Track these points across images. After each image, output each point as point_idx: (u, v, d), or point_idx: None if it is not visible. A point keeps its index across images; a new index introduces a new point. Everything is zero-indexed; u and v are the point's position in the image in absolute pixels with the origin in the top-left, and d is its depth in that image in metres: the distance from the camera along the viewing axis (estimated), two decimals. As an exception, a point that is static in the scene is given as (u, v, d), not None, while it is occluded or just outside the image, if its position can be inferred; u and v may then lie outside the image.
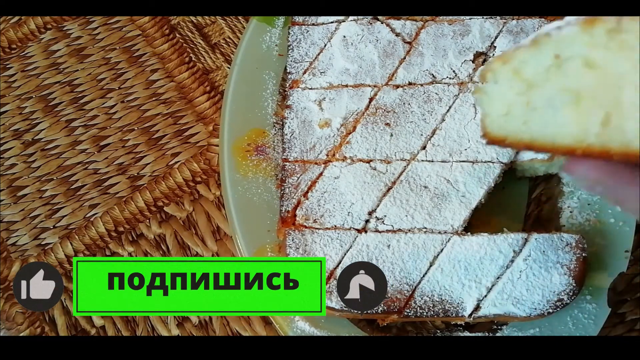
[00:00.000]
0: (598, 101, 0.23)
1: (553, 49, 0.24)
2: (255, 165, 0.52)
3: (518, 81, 0.26)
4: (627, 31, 0.22)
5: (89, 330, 0.53)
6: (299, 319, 0.47)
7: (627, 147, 0.22)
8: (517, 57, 0.25)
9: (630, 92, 0.22)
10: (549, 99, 0.24)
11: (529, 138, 0.26)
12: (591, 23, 0.22)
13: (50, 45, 0.65)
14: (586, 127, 0.23)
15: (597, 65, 0.23)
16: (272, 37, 0.56)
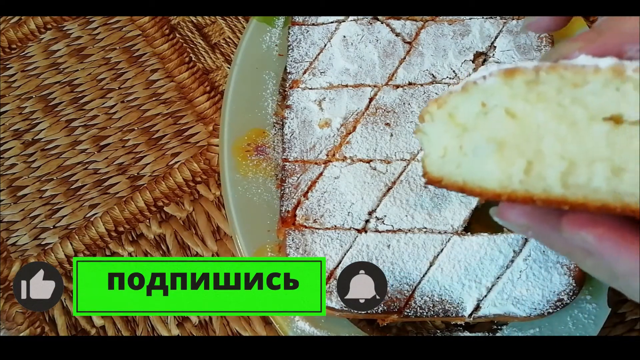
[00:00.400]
0: (520, 150, 0.24)
1: (480, 97, 0.25)
2: (255, 165, 0.52)
3: (453, 125, 0.26)
4: (544, 83, 0.23)
5: (89, 330, 0.53)
6: (299, 319, 0.47)
7: (548, 194, 0.23)
8: (450, 102, 0.26)
9: (549, 142, 0.23)
10: (476, 147, 0.25)
11: (462, 182, 0.26)
12: (511, 74, 0.23)
13: (50, 45, 0.65)
14: (510, 175, 0.24)
15: (517, 115, 0.23)
16: (272, 37, 0.56)
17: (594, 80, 0.22)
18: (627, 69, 0.21)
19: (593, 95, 0.22)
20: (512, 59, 0.51)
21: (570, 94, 0.22)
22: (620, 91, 0.21)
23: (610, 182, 0.22)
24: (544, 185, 0.23)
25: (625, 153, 0.22)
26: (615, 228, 0.22)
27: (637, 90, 0.21)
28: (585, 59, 0.23)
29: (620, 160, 0.22)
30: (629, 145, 0.22)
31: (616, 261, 0.22)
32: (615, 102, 0.22)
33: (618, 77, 0.21)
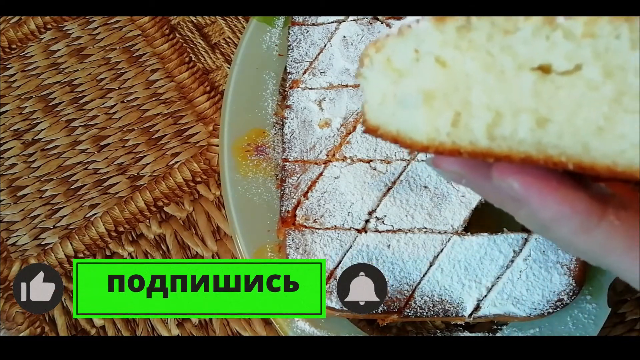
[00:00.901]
0: (448, 101, 0.23)
1: (413, 43, 0.24)
2: (255, 165, 0.52)
3: (390, 70, 0.25)
4: (475, 29, 0.22)
5: (89, 330, 0.53)
6: (299, 319, 0.47)
7: (474, 146, 0.23)
8: (388, 45, 0.25)
9: (477, 92, 0.22)
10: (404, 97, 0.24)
11: (395, 132, 0.25)
12: (442, 19, 0.23)
13: (50, 45, 0.65)
14: (437, 127, 0.23)
15: (447, 64, 0.23)
16: (272, 37, 0.56)
17: (524, 27, 0.21)
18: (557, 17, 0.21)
19: (523, 44, 0.21)
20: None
21: (500, 42, 0.22)
22: (550, 40, 0.21)
23: (535, 133, 0.22)
24: (470, 137, 0.23)
25: (551, 104, 0.21)
26: (542, 175, 0.22)
27: (567, 39, 0.21)
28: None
29: (545, 111, 0.21)
30: (555, 95, 0.21)
31: (542, 208, 0.22)
32: (544, 51, 0.21)
33: (548, 25, 0.21)
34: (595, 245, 0.23)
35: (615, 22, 0.20)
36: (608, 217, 0.22)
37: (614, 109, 0.20)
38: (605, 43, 0.20)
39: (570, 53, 0.21)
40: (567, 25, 0.21)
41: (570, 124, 0.21)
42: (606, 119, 0.20)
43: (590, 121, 0.21)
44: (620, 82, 0.20)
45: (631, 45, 0.20)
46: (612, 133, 0.20)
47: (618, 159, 0.20)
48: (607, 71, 0.20)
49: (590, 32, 0.20)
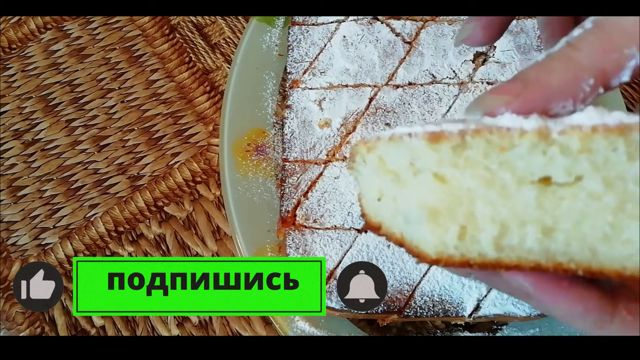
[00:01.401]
0: (452, 215, 0.23)
1: (407, 155, 0.24)
2: (255, 165, 0.52)
3: (384, 171, 0.25)
4: (471, 147, 0.22)
5: (89, 330, 0.53)
6: (299, 319, 0.47)
7: (483, 258, 0.23)
8: (379, 148, 0.25)
9: (480, 206, 0.22)
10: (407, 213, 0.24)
11: (400, 235, 0.25)
12: (436, 140, 0.22)
13: (50, 45, 0.65)
14: (444, 241, 0.23)
15: (446, 180, 0.23)
16: (272, 37, 0.56)
17: (520, 144, 0.21)
18: (552, 132, 0.21)
19: (520, 159, 0.22)
20: (512, 59, 0.51)
21: (497, 159, 0.22)
22: (548, 155, 0.21)
23: (542, 242, 0.22)
24: (478, 250, 0.23)
25: (555, 214, 0.22)
26: (552, 275, 0.22)
27: (564, 155, 0.21)
28: (510, 119, 0.22)
29: (550, 221, 0.22)
30: (559, 206, 0.22)
31: (553, 307, 0.23)
32: (542, 166, 0.21)
33: (544, 141, 0.21)
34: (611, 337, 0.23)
35: (611, 137, 0.20)
36: (620, 312, 0.22)
37: (618, 216, 0.21)
38: (602, 157, 0.21)
39: (569, 167, 0.21)
40: (563, 141, 0.21)
41: (576, 232, 0.21)
42: (611, 227, 0.21)
43: (596, 229, 0.21)
44: (622, 191, 0.21)
45: (628, 157, 0.20)
46: (618, 239, 0.21)
47: (626, 264, 0.21)
48: (607, 182, 0.21)
49: (586, 147, 0.21)
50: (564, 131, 0.21)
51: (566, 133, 0.21)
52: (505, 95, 0.23)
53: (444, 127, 0.22)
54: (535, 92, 0.23)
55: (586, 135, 0.20)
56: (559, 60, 0.23)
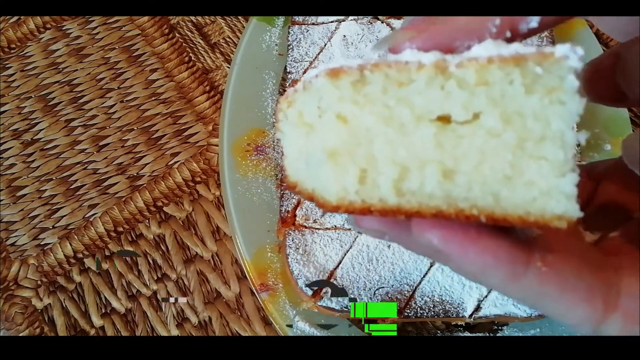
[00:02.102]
0: (353, 157, 0.22)
1: (315, 98, 0.23)
2: (255, 165, 0.52)
3: (302, 125, 0.24)
4: (370, 83, 0.21)
5: (88, 330, 0.53)
6: (299, 319, 0.47)
7: (384, 203, 0.22)
8: (297, 100, 0.24)
9: (380, 147, 0.21)
10: (309, 156, 0.23)
11: (311, 190, 0.24)
12: (336, 75, 0.21)
13: (49, 44, 0.65)
14: (345, 185, 0.22)
15: (348, 119, 0.22)
16: (272, 36, 0.56)
17: (418, 78, 0.20)
18: (450, 64, 0.20)
19: (419, 95, 0.20)
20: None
21: (395, 94, 0.21)
22: (445, 89, 0.20)
23: (443, 186, 0.21)
24: (378, 195, 0.22)
25: (455, 154, 0.21)
26: (460, 227, 0.21)
27: (461, 88, 0.20)
28: (410, 53, 0.21)
29: (450, 162, 0.21)
30: (458, 145, 0.20)
31: (464, 261, 0.21)
32: (441, 102, 0.20)
33: (441, 74, 0.20)
34: (526, 292, 0.22)
35: (507, 68, 0.19)
36: (535, 263, 0.21)
37: (518, 155, 0.20)
38: (499, 90, 0.20)
39: (467, 102, 0.20)
40: (460, 74, 0.20)
41: (477, 174, 0.20)
42: (512, 167, 0.20)
43: (497, 170, 0.20)
44: (521, 128, 0.20)
45: (525, 90, 0.19)
46: (519, 181, 0.20)
47: (529, 208, 0.20)
48: (505, 118, 0.20)
49: (483, 80, 0.20)
50: (461, 63, 0.20)
51: (463, 66, 0.20)
52: (411, 30, 0.22)
53: (346, 63, 0.21)
54: (441, 29, 0.22)
55: (482, 67, 0.20)
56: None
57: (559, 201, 0.19)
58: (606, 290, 0.22)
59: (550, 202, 0.20)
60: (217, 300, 0.53)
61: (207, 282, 0.53)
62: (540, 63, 0.19)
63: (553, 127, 0.19)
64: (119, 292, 0.54)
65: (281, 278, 0.48)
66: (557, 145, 0.19)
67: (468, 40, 0.22)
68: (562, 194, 0.19)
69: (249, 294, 0.52)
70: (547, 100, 0.19)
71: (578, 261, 0.22)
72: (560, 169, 0.19)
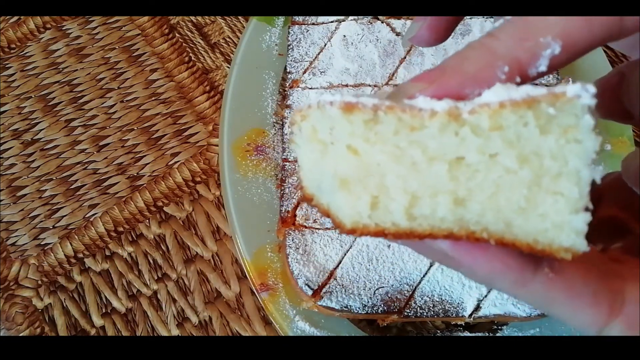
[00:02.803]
0: (364, 185, 0.23)
1: (328, 124, 0.23)
2: (255, 165, 0.52)
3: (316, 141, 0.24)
4: (382, 123, 0.22)
5: (88, 330, 0.53)
6: (299, 319, 0.47)
7: (397, 227, 0.22)
8: (311, 116, 0.24)
9: (391, 179, 0.22)
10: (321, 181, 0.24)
11: (326, 206, 0.24)
12: (349, 110, 0.22)
13: (49, 44, 0.65)
14: (358, 210, 0.23)
15: (358, 152, 0.22)
16: (272, 36, 0.56)
17: (431, 124, 0.21)
18: (462, 112, 0.21)
19: (432, 139, 0.21)
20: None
21: (407, 137, 0.22)
22: (459, 136, 0.21)
23: (455, 212, 0.22)
24: (391, 219, 0.23)
25: (469, 186, 0.21)
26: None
27: (475, 134, 0.21)
28: (423, 99, 0.22)
29: (464, 192, 0.21)
30: (473, 178, 0.21)
31: (473, 266, 0.22)
32: (455, 146, 0.21)
33: (454, 121, 0.21)
34: (534, 296, 0.23)
35: (520, 111, 0.20)
36: (542, 269, 0.22)
37: (534, 191, 0.21)
38: (514, 132, 0.20)
39: (482, 146, 0.21)
40: (474, 120, 0.20)
41: (491, 204, 0.21)
42: (527, 200, 0.21)
43: (512, 202, 0.21)
44: (537, 166, 0.20)
45: (540, 131, 0.20)
46: (533, 213, 0.21)
47: (539, 238, 0.21)
48: (522, 158, 0.20)
49: (496, 124, 0.20)
50: (474, 110, 0.20)
51: (476, 112, 0.20)
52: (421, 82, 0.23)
53: (361, 99, 0.22)
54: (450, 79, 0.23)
55: (495, 112, 0.20)
56: (476, 49, 0.23)
57: (568, 236, 0.20)
58: (612, 296, 0.22)
59: (560, 235, 0.20)
60: (217, 300, 0.53)
61: (208, 282, 0.53)
62: (553, 104, 0.19)
63: (570, 165, 0.20)
64: (119, 291, 0.54)
65: (281, 278, 0.48)
66: (572, 182, 0.20)
67: (478, 88, 0.22)
68: (573, 229, 0.20)
69: (249, 294, 0.52)
70: (564, 140, 0.20)
71: (585, 268, 0.23)
72: (575, 206, 0.20)
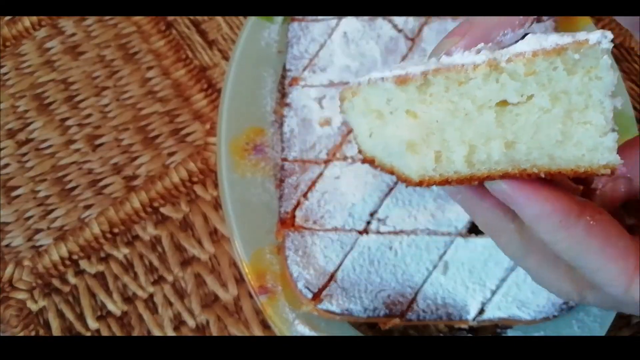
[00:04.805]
0: (427, 143, 0.27)
1: (384, 95, 0.28)
2: (253, 164, 0.51)
3: (369, 111, 0.29)
4: (433, 84, 0.26)
5: (83, 333, 0.52)
6: (298, 322, 0.46)
7: (459, 174, 0.27)
8: (361, 91, 0.29)
9: (450, 133, 0.26)
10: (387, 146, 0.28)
11: (390, 166, 0.29)
12: (403, 82, 0.26)
13: (44, 42, 0.64)
14: (424, 165, 0.27)
15: (417, 115, 0.27)
16: (271, 33, 0.55)
17: (475, 76, 0.25)
18: (500, 61, 0.24)
19: (478, 89, 0.25)
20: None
21: (457, 91, 0.25)
22: (500, 82, 0.25)
23: (507, 154, 0.25)
24: (453, 168, 0.27)
25: (514, 129, 0.25)
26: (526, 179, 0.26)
27: (513, 79, 0.24)
28: (463, 57, 0.26)
29: (511, 135, 0.25)
30: (516, 122, 0.25)
31: (527, 206, 0.26)
32: (497, 91, 0.25)
33: (494, 70, 0.25)
34: (573, 241, 0.25)
35: (550, 58, 0.24)
36: (585, 216, 0.25)
37: (567, 124, 0.25)
38: (546, 76, 0.24)
39: (520, 89, 0.25)
40: (511, 68, 0.24)
41: (534, 142, 0.25)
42: (563, 133, 0.25)
43: (550, 137, 0.25)
44: (567, 102, 0.24)
45: (568, 73, 0.24)
46: (570, 143, 0.25)
47: (579, 163, 0.25)
48: (553, 97, 0.24)
49: (531, 70, 0.24)
50: (510, 59, 0.24)
51: (512, 60, 0.24)
52: (455, 36, 0.28)
53: (409, 70, 0.26)
54: (478, 28, 0.27)
55: (529, 60, 0.24)
56: None
57: (603, 155, 0.24)
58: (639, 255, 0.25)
59: (596, 156, 0.24)
60: (214, 303, 0.52)
61: (205, 285, 0.52)
62: (578, 50, 0.23)
63: (594, 98, 0.24)
64: (114, 294, 0.53)
65: (280, 280, 0.47)
66: (598, 111, 0.24)
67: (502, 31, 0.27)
68: (606, 149, 0.24)
69: (248, 297, 0.51)
70: (587, 78, 0.24)
71: (619, 227, 0.26)
72: (603, 130, 0.24)
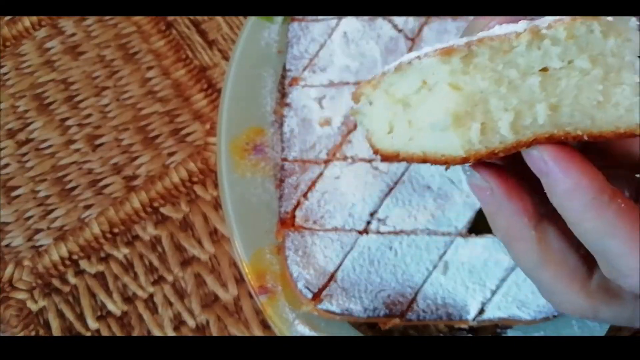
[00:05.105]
0: (472, 115, 0.27)
1: (419, 76, 0.28)
2: (253, 164, 0.51)
3: (392, 102, 0.29)
4: (478, 55, 0.27)
5: (83, 333, 0.52)
6: (298, 322, 0.46)
7: (505, 144, 0.27)
8: (385, 81, 0.29)
9: (494, 102, 0.27)
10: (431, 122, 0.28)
11: (421, 153, 0.29)
12: (447, 54, 0.27)
13: (44, 42, 0.64)
14: (470, 139, 0.27)
15: (461, 86, 0.27)
16: (271, 33, 0.55)
17: (519, 43, 0.26)
18: (541, 28, 0.26)
19: (521, 57, 0.26)
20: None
21: (501, 60, 0.26)
22: (542, 49, 0.26)
23: (551, 117, 0.26)
24: (499, 138, 0.27)
25: (557, 93, 0.26)
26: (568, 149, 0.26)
27: (555, 45, 0.26)
28: (500, 28, 0.27)
29: (554, 99, 0.26)
30: (559, 85, 0.26)
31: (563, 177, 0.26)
32: (540, 58, 0.26)
33: (536, 37, 0.26)
34: (601, 223, 0.25)
35: (587, 22, 0.26)
36: (617, 200, 0.25)
37: (605, 85, 0.26)
38: (584, 39, 0.26)
39: (561, 54, 0.26)
40: (552, 34, 0.26)
41: (576, 104, 0.26)
42: (602, 94, 0.26)
43: (591, 98, 0.26)
44: (604, 64, 0.26)
45: (603, 35, 0.26)
46: (608, 104, 0.26)
47: (618, 124, 0.26)
48: (592, 59, 0.26)
49: (571, 34, 0.26)
50: (550, 25, 0.26)
51: (552, 27, 0.26)
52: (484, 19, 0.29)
53: (451, 43, 0.27)
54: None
55: (569, 25, 0.26)
56: None
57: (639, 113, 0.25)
58: None
59: (633, 115, 0.26)
60: (214, 303, 0.52)
61: (205, 285, 0.52)
62: None
63: (626, 59, 0.26)
64: (114, 294, 0.53)
65: (280, 280, 0.47)
66: (631, 72, 0.26)
67: None
68: None
69: (248, 297, 0.51)
70: (620, 39, 0.26)
71: None
72: (637, 90, 0.25)
